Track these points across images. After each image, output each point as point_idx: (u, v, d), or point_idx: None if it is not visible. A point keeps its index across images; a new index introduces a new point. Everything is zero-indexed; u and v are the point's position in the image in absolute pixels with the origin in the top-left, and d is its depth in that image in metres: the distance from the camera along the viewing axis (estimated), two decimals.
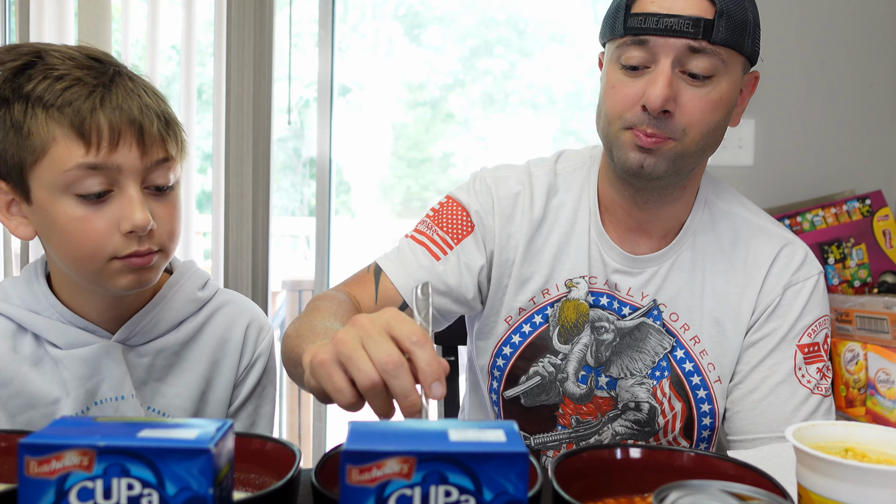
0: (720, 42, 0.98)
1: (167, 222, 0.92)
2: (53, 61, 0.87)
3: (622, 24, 1.01)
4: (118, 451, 0.53)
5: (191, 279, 1.04)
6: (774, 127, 2.24)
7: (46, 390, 0.94)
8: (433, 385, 0.65)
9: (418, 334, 0.66)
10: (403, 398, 0.66)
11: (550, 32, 3.81)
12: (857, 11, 2.22)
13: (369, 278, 1.13)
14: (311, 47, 2.53)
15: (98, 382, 0.95)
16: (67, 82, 0.85)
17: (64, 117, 0.84)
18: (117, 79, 0.89)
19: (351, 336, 0.68)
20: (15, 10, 2.41)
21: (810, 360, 1.11)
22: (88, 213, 0.86)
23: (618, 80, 1.03)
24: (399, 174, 4.32)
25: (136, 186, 0.88)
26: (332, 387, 0.68)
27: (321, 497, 0.63)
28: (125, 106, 0.86)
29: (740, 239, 1.14)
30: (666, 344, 1.12)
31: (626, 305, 1.13)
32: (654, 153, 1.01)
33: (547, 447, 1.17)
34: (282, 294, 3.54)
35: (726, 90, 1.01)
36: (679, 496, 0.60)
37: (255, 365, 1.09)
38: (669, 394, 1.12)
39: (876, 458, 0.70)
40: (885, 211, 2.09)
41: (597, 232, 1.13)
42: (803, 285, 1.12)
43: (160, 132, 0.89)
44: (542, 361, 1.15)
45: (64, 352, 0.94)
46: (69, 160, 0.84)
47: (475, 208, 1.15)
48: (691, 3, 0.98)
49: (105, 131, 0.85)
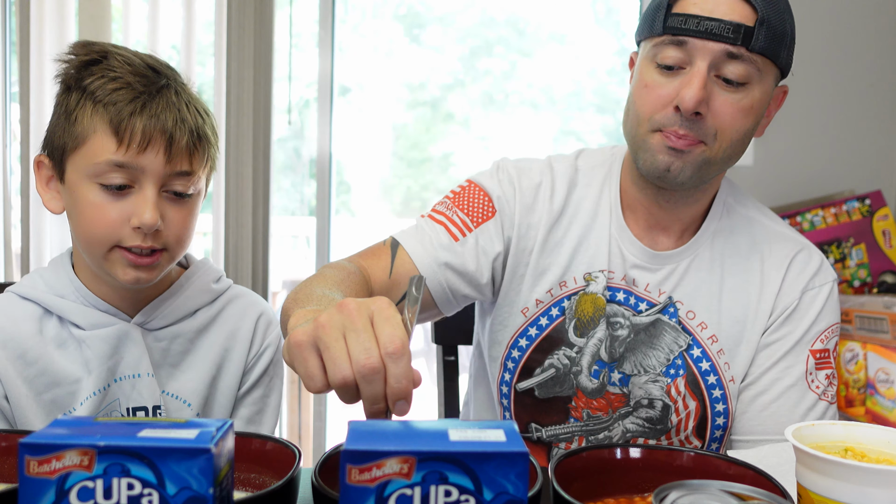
0: (758, 50, 0.98)
1: (177, 226, 0.99)
2: (114, 63, 0.96)
3: (661, 23, 1.00)
4: (118, 451, 0.53)
5: (206, 273, 1.12)
6: (774, 127, 2.24)
7: (69, 370, 1.01)
8: (398, 403, 0.64)
9: (396, 343, 0.64)
10: (371, 404, 0.64)
11: (550, 32, 3.81)
12: (858, 11, 2.22)
13: (385, 251, 1.12)
14: (311, 47, 2.53)
15: (118, 361, 1.02)
16: (118, 84, 0.94)
17: (107, 114, 0.93)
18: (164, 90, 0.97)
19: (334, 323, 0.66)
20: (15, 11, 2.41)
21: (821, 366, 1.11)
22: (107, 202, 0.95)
23: (651, 80, 1.03)
24: (399, 174, 4.32)
25: (153, 188, 0.95)
26: (305, 371, 0.67)
27: (321, 497, 0.63)
28: (162, 116, 0.95)
29: (757, 242, 1.15)
30: (681, 342, 1.12)
31: (642, 301, 1.13)
32: (682, 157, 1.01)
33: (559, 439, 1.17)
34: (282, 294, 3.54)
35: (758, 98, 1.02)
36: (679, 496, 0.60)
37: (263, 354, 1.14)
38: (684, 392, 1.12)
39: (876, 458, 0.70)
40: (884, 211, 2.09)
41: (617, 227, 1.14)
42: (819, 290, 1.13)
43: (189, 146, 0.97)
44: (558, 353, 1.15)
45: (87, 332, 1.01)
46: (102, 154, 0.93)
47: (498, 194, 1.15)
48: (734, 8, 0.98)
49: (138, 135, 0.93)
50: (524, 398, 1.17)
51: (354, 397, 0.65)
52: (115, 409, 1.02)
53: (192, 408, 1.07)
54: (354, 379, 0.64)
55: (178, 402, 1.06)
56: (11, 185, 2.50)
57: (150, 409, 1.03)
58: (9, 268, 2.49)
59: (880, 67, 2.24)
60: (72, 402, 1.00)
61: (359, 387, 0.64)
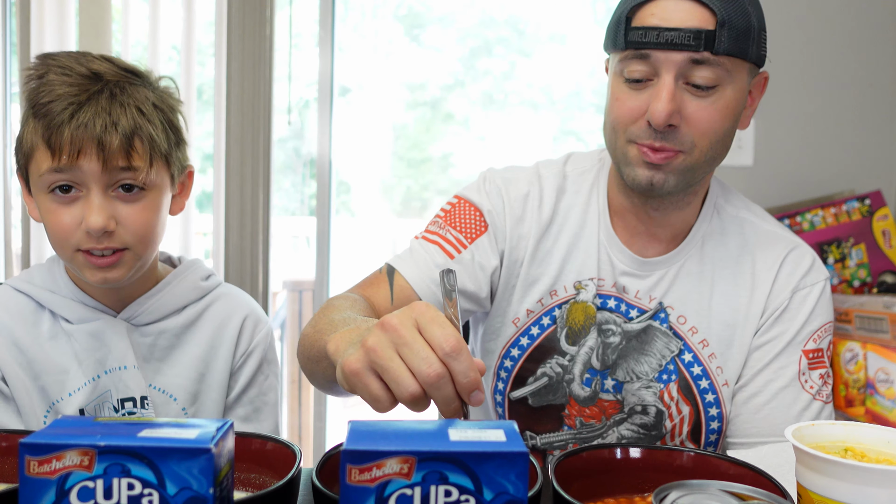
0: (723, 52, 0.96)
1: (133, 224, 1.00)
2: (52, 77, 0.98)
3: (623, 38, 1.00)
4: (119, 451, 0.53)
5: (194, 271, 1.14)
6: (774, 127, 2.24)
7: (58, 361, 1.05)
8: (472, 394, 0.65)
9: (451, 342, 0.64)
10: (446, 406, 0.65)
11: (550, 32, 3.81)
12: (858, 11, 2.22)
13: (383, 279, 1.12)
14: (311, 47, 2.53)
15: (105, 353, 1.06)
16: (51, 97, 0.97)
17: (40, 127, 0.97)
18: (97, 96, 0.98)
19: (384, 343, 0.65)
20: (15, 11, 2.41)
21: (814, 365, 1.10)
22: (59, 209, 0.99)
23: (622, 93, 1.02)
24: (399, 174, 4.32)
25: (98, 192, 0.97)
26: (370, 396, 0.67)
27: (321, 497, 0.63)
28: (90, 123, 0.96)
29: (748, 243, 1.14)
30: (673, 347, 1.12)
31: (633, 308, 1.13)
32: (662, 169, 1.01)
33: (553, 447, 1.17)
34: (282, 294, 3.54)
35: (732, 98, 1.01)
36: (679, 496, 0.60)
37: (252, 353, 1.15)
38: (677, 397, 1.12)
39: (875, 458, 0.70)
40: (884, 211, 2.09)
41: (606, 234, 1.13)
42: (811, 290, 1.12)
43: (123, 147, 0.98)
44: (550, 362, 1.14)
45: (75, 326, 1.06)
46: (43, 165, 0.97)
47: (488, 208, 1.14)
48: (691, 14, 0.97)
49: (67, 145, 0.96)
50: (518, 407, 1.17)
51: (426, 405, 0.66)
52: (108, 400, 1.05)
53: (177, 402, 1.09)
54: (422, 391, 0.64)
55: (165, 396, 1.08)
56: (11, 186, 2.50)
57: (138, 400, 1.06)
58: (9, 268, 2.49)
59: (880, 67, 2.24)
60: (61, 392, 1.04)
61: (428, 395, 0.65)
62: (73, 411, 1.04)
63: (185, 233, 2.41)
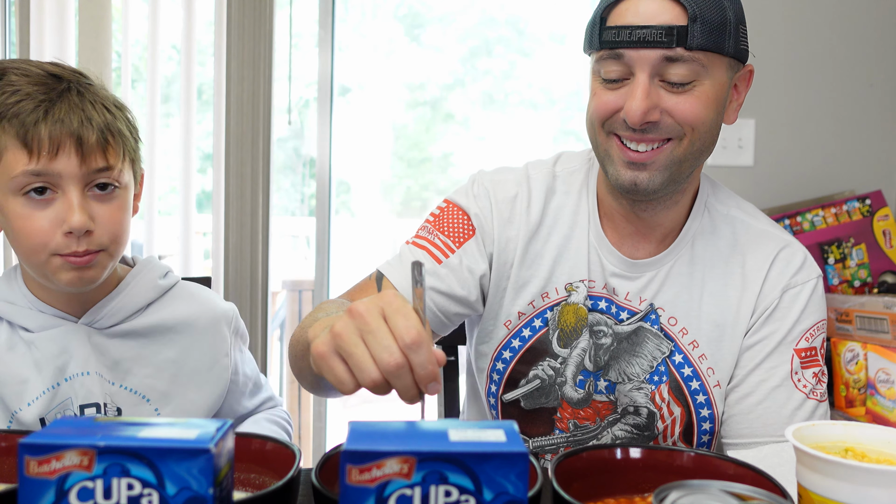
0: (697, 47, 0.96)
1: (108, 224, 0.99)
2: (13, 78, 0.97)
3: (598, 38, 1.00)
4: (118, 451, 0.53)
5: (151, 270, 1.13)
6: (774, 127, 2.24)
7: (16, 371, 1.03)
8: (429, 385, 0.67)
9: (412, 333, 0.66)
10: (404, 394, 0.68)
11: (550, 32, 3.81)
12: (857, 11, 2.22)
13: (371, 285, 1.13)
14: (311, 47, 2.53)
15: (67, 360, 1.04)
16: (19, 97, 0.95)
17: (12, 128, 0.94)
18: (66, 94, 0.98)
19: (350, 329, 0.68)
20: (15, 11, 2.41)
21: (807, 364, 1.10)
22: (34, 212, 0.96)
23: (601, 93, 1.03)
24: (399, 174, 4.32)
25: (76, 191, 0.96)
26: (335, 378, 0.70)
27: (321, 497, 0.63)
28: (67, 119, 0.95)
29: (739, 242, 1.13)
30: (664, 348, 1.12)
31: (623, 310, 1.12)
32: (647, 168, 1.01)
33: (545, 451, 1.17)
34: (282, 294, 3.54)
35: (711, 91, 1.00)
36: (679, 496, 0.60)
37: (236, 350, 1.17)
38: (668, 399, 1.12)
39: (876, 458, 0.70)
40: (884, 211, 2.09)
41: (596, 236, 1.13)
42: (802, 288, 1.11)
43: (100, 143, 0.97)
44: (542, 365, 1.14)
45: (35, 334, 1.04)
46: (17, 167, 0.95)
47: (475, 211, 1.14)
48: (662, 10, 0.96)
49: (45, 142, 0.94)
50: (511, 409, 1.17)
51: (387, 390, 0.69)
52: (68, 408, 1.04)
53: (150, 403, 1.08)
54: (383, 377, 0.67)
55: (137, 397, 1.07)
56: None
57: (101, 406, 1.05)
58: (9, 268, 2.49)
59: (880, 67, 2.24)
60: (19, 402, 1.02)
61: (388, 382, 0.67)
62: (33, 420, 1.02)
63: (185, 233, 2.41)
